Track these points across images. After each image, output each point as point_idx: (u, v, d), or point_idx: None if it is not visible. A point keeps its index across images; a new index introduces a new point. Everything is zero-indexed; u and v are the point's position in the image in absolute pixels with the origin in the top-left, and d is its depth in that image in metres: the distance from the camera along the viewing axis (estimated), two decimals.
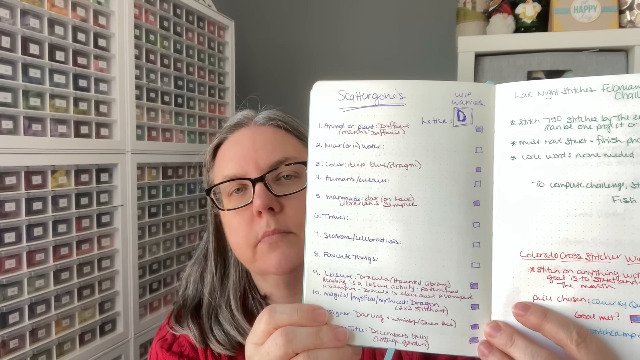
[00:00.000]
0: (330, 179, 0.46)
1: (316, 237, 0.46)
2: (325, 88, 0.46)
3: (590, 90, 0.41)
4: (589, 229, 0.41)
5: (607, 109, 0.41)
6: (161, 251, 1.41)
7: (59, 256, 1.06)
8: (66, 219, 1.08)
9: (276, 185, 0.64)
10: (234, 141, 0.68)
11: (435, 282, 0.44)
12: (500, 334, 0.41)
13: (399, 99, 0.45)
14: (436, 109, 0.44)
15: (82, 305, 1.12)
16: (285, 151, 0.65)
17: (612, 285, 0.40)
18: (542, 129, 0.42)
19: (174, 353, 0.69)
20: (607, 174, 0.40)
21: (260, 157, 0.64)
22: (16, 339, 0.96)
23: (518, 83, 0.43)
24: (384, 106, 0.45)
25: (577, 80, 0.42)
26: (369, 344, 0.45)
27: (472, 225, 0.43)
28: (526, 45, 1.35)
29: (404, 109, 0.44)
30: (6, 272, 0.95)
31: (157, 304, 1.40)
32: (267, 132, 0.68)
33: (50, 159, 1.02)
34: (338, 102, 0.46)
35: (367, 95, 0.45)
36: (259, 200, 0.61)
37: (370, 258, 0.45)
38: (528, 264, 0.42)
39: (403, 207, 0.44)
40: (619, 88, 0.41)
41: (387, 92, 0.45)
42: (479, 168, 0.44)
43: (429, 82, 0.45)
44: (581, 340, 0.38)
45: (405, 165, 0.44)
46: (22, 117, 0.97)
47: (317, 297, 0.45)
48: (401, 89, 0.45)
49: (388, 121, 0.45)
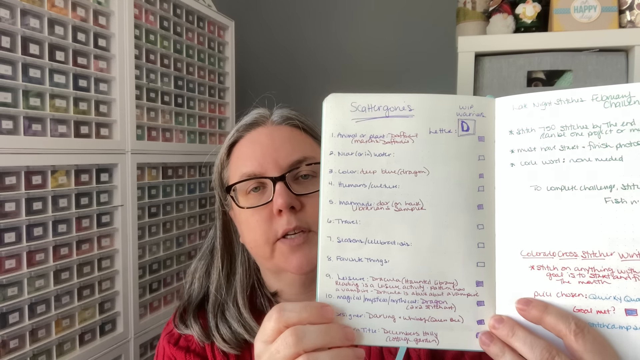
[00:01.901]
0: (343, 185, 0.48)
1: (329, 241, 0.48)
2: (338, 100, 0.49)
3: (581, 100, 0.44)
4: (584, 229, 0.43)
5: (597, 117, 0.44)
6: (161, 251, 1.41)
7: (59, 256, 1.06)
8: (66, 219, 1.08)
9: (295, 185, 0.65)
10: (252, 140, 0.69)
11: (444, 281, 0.46)
12: (503, 326, 0.43)
13: (408, 110, 0.48)
14: (442, 120, 0.47)
15: (82, 305, 1.12)
16: (304, 151, 0.66)
17: (607, 281, 0.42)
18: (537, 137, 0.45)
19: (181, 348, 0.69)
20: (599, 177, 0.43)
21: (280, 156, 0.65)
22: (16, 339, 0.96)
23: (515, 96, 0.47)
24: (394, 117, 0.48)
25: (568, 91, 0.45)
26: (381, 344, 0.46)
27: (477, 227, 0.46)
28: (526, 45, 1.34)
29: (412, 120, 0.48)
30: (6, 272, 0.95)
31: (157, 304, 1.40)
32: (285, 131, 0.68)
33: (50, 159, 1.02)
34: (351, 113, 0.49)
35: (379, 107, 0.48)
36: (281, 199, 0.61)
37: (382, 260, 0.47)
38: (528, 262, 0.44)
39: (413, 211, 0.47)
40: (607, 97, 0.43)
41: (397, 105, 0.48)
42: (482, 174, 0.47)
43: (436, 95, 0.48)
44: (579, 330, 0.40)
45: (415, 171, 0.47)
46: (22, 117, 0.97)
47: (330, 300, 0.47)
48: (410, 101, 0.48)
49: (398, 131, 0.48)
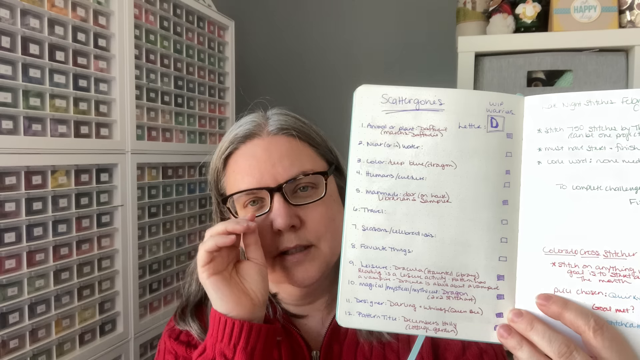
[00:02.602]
0: (370, 175, 0.49)
1: (354, 229, 0.49)
2: (369, 91, 0.50)
3: (610, 102, 0.45)
4: (607, 228, 0.44)
5: (626, 120, 0.44)
6: (161, 251, 1.41)
7: (59, 256, 1.06)
8: (66, 219, 1.08)
9: (293, 198, 0.64)
10: (248, 153, 0.67)
11: (466, 273, 0.47)
12: (522, 319, 0.44)
13: (439, 104, 0.48)
14: (472, 115, 0.48)
15: (82, 305, 1.12)
16: (302, 164, 0.65)
17: (627, 281, 0.43)
18: (566, 136, 0.46)
19: (182, 342, 0.70)
20: (625, 178, 0.44)
21: (278, 172, 0.64)
22: (16, 339, 0.96)
23: (545, 95, 0.47)
24: (424, 111, 0.49)
25: (599, 93, 0.45)
26: (401, 331, 0.48)
27: (501, 222, 0.47)
28: (526, 45, 1.35)
29: (443, 114, 0.48)
30: (6, 272, 0.95)
31: (157, 304, 1.40)
32: (282, 143, 0.66)
33: (50, 159, 1.02)
34: (381, 104, 0.49)
35: (409, 100, 0.49)
36: (281, 220, 0.61)
37: (406, 250, 0.48)
38: (550, 259, 0.45)
39: (438, 203, 0.48)
40: (637, 101, 0.44)
41: (428, 98, 0.49)
42: (509, 171, 0.48)
43: (467, 90, 0.49)
44: (598, 327, 0.41)
45: (442, 165, 0.48)
46: (22, 117, 0.97)
47: (352, 287, 0.48)
48: (441, 96, 0.49)
49: (427, 124, 0.48)
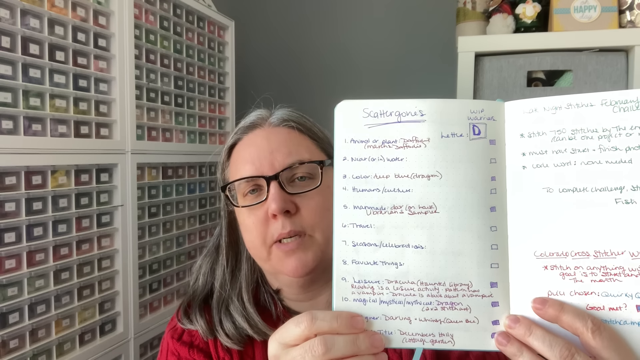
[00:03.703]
0: (356, 190, 0.48)
1: (344, 246, 0.48)
2: (350, 106, 0.50)
3: (590, 105, 0.45)
4: (595, 229, 0.44)
5: (606, 121, 0.45)
6: (161, 251, 1.41)
7: (59, 256, 1.06)
8: (66, 219, 1.08)
9: (290, 187, 0.65)
10: (249, 142, 0.69)
11: (459, 282, 0.47)
12: (519, 325, 0.44)
13: (420, 115, 0.48)
14: (454, 124, 0.48)
15: (82, 305, 1.12)
16: (299, 153, 0.67)
17: (618, 279, 0.44)
18: (549, 140, 0.46)
19: (185, 343, 0.70)
20: (610, 178, 0.44)
21: (276, 159, 0.66)
22: (16, 339, 0.96)
23: (525, 100, 0.48)
24: (406, 122, 0.48)
25: (578, 96, 0.46)
26: (398, 346, 0.47)
27: (490, 229, 0.47)
28: (526, 45, 1.35)
29: (424, 125, 0.48)
30: (6, 272, 0.95)
31: (157, 304, 1.40)
32: (282, 133, 0.69)
33: (50, 159, 1.02)
34: (363, 119, 0.49)
35: (390, 113, 0.49)
36: (275, 204, 0.62)
37: (397, 263, 0.47)
38: (542, 262, 0.45)
39: (426, 214, 0.47)
40: (616, 102, 0.45)
41: (409, 110, 0.48)
42: (494, 177, 0.48)
43: (447, 100, 0.49)
44: (596, 328, 0.41)
45: (427, 175, 0.48)
46: (22, 117, 0.97)
47: (346, 303, 0.47)
48: (422, 106, 0.48)
49: (410, 136, 0.48)
